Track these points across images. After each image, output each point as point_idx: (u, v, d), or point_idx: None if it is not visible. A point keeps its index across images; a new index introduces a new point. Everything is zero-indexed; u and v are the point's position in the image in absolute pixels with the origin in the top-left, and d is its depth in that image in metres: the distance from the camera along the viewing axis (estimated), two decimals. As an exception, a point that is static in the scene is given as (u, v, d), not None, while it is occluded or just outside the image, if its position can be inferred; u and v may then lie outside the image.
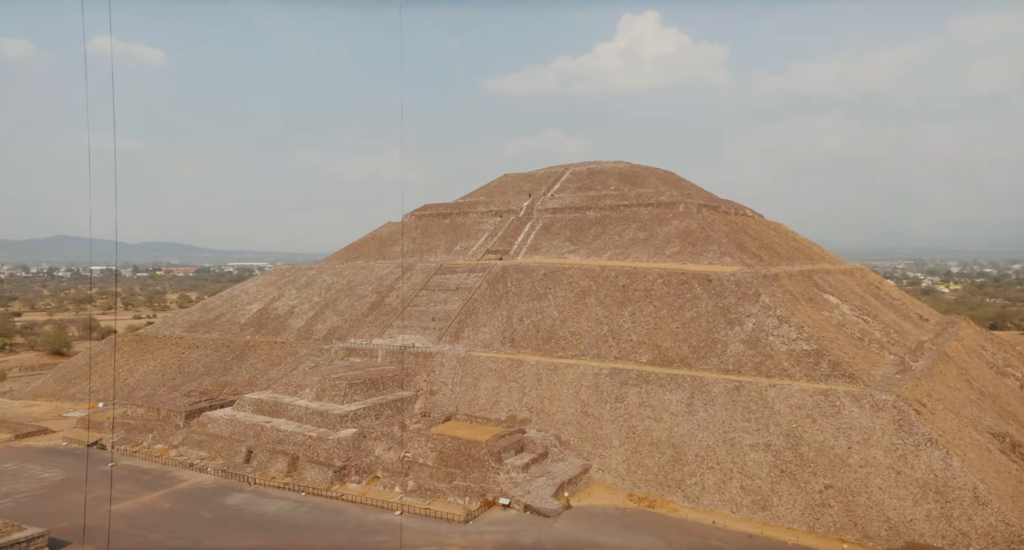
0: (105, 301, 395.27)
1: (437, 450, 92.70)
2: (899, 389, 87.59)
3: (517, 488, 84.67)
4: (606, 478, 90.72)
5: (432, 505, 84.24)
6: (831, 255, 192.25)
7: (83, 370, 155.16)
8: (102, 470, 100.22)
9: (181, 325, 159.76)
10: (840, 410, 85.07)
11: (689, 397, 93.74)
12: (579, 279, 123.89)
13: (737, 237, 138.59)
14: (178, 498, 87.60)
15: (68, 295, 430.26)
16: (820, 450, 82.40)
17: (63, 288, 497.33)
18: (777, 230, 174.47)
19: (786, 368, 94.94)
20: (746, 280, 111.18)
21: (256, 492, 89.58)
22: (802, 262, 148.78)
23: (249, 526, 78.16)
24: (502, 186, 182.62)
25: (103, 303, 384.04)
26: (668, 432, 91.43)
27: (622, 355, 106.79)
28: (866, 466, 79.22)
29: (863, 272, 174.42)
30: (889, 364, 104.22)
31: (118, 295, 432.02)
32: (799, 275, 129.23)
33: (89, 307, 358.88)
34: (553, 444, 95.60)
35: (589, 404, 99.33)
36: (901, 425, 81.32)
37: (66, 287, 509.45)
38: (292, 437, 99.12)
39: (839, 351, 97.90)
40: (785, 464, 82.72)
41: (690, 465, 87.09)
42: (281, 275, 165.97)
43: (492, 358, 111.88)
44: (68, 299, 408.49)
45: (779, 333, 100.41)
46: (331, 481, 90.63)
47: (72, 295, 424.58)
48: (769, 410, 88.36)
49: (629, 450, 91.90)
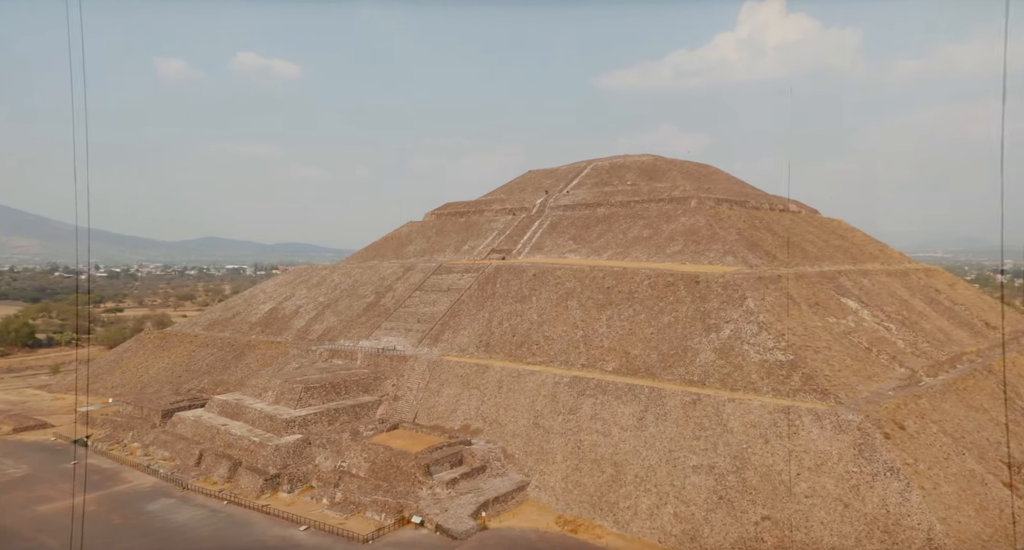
0: (203, 298, 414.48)
1: (370, 461, 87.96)
2: (874, 408, 76.26)
3: (437, 505, 78.77)
4: (541, 497, 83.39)
5: (349, 520, 79.51)
6: (896, 255, 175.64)
7: (111, 366, 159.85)
8: (66, 468, 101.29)
9: (202, 323, 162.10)
10: (798, 430, 74.70)
11: (642, 410, 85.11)
12: (566, 280, 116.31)
13: (753, 235, 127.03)
14: (105, 501, 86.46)
15: (178, 292, 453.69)
16: (766, 475, 72.44)
17: (184, 284, 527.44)
18: (822, 227, 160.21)
19: (754, 381, 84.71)
20: (734, 282, 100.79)
21: (183, 498, 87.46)
22: (838, 262, 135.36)
23: (147, 535, 75.78)
24: (523, 183, 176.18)
25: (202, 300, 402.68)
26: (613, 448, 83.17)
27: (590, 362, 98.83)
28: (812, 496, 68.86)
29: (929, 273, 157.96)
30: (893, 378, 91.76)
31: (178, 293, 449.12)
32: (817, 276, 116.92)
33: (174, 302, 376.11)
34: (497, 458, 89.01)
35: (542, 415, 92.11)
36: (861, 450, 70.38)
37: (189, 283, 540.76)
38: (240, 441, 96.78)
39: (821, 363, 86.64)
40: (726, 490, 73.18)
41: (628, 486, 78.65)
42: (298, 275, 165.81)
43: (460, 363, 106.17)
44: (173, 296, 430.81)
45: (755, 341, 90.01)
46: (261, 489, 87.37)
47: (183, 292, 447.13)
48: (722, 428, 78.77)
49: (571, 467, 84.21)
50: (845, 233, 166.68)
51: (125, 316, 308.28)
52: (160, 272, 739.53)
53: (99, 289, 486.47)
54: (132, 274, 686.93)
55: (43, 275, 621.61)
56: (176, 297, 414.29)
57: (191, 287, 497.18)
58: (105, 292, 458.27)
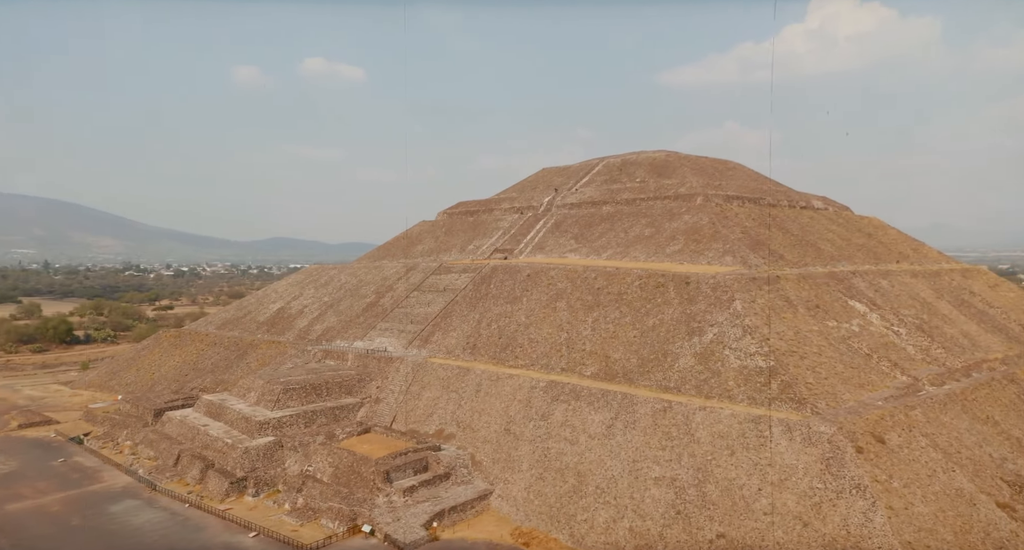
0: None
1: (334, 466, 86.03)
2: (853, 419, 70.92)
3: (391, 514, 76.28)
4: (503, 507, 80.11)
5: (303, 527, 77.71)
6: (933, 254, 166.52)
7: (128, 363, 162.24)
8: (52, 466, 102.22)
9: (215, 322, 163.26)
10: (765, 442, 69.87)
11: (612, 418, 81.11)
12: (557, 281, 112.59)
13: (760, 233, 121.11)
14: (73, 501, 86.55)
15: (231, 290, 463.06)
16: (727, 490, 67.86)
17: (242, 283, 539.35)
18: (847, 225, 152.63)
19: (730, 388, 79.85)
20: (724, 283, 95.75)
21: (148, 500, 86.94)
22: (857, 262, 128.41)
23: (98, 539, 75.25)
24: (535, 181, 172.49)
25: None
26: (579, 457, 79.39)
27: (570, 366, 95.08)
28: (771, 514, 64.08)
29: (966, 274, 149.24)
30: (890, 387, 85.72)
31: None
32: (825, 277, 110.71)
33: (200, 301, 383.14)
34: (465, 465, 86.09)
35: (515, 421, 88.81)
36: (829, 465, 65.30)
37: (247, 282, 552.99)
38: (215, 443, 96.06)
39: (805, 370, 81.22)
40: (684, 504, 68.84)
41: (588, 497, 74.83)
42: (309, 275, 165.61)
43: (444, 366, 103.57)
44: (225, 294, 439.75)
45: (738, 346, 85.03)
46: (226, 492, 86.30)
47: (235, 291, 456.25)
48: (689, 437, 74.33)
49: (535, 476, 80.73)
50: (873, 231, 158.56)
51: (171, 313, 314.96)
52: (224, 271, 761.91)
53: (163, 287, 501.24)
54: (197, 273, 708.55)
55: (113, 274, 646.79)
56: (228, 295, 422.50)
57: (247, 286, 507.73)
58: (164, 290, 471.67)
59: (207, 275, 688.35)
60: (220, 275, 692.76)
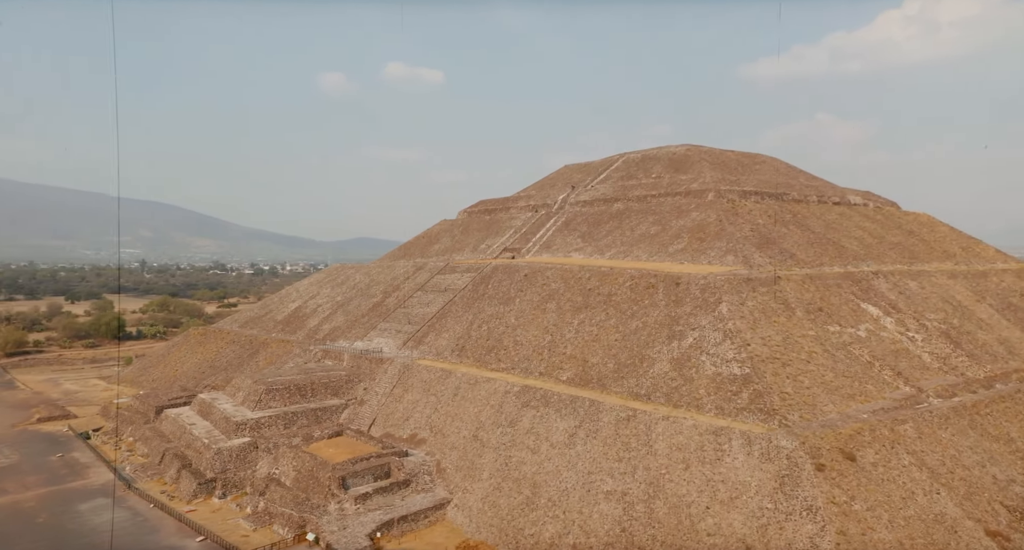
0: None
1: (297, 469, 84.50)
2: (823, 433, 65.00)
3: (339, 522, 74.06)
4: (458, 518, 76.85)
5: (255, 533, 76.35)
6: (989, 253, 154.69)
7: (158, 360, 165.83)
8: (49, 461, 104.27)
9: (240, 320, 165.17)
10: (723, 456, 64.70)
11: (576, 426, 76.95)
12: (552, 281, 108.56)
13: (772, 231, 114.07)
14: (48, 498, 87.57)
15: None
16: (675, 507, 63.02)
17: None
18: (885, 222, 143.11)
19: (700, 396, 74.60)
20: (714, 284, 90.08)
21: (120, 499, 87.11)
22: (886, 262, 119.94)
23: (53, 537, 75.46)
24: (555, 178, 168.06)
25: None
26: (538, 467, 75.54)
27: (548, 370, 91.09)
28: (715, 535, 59.03)
29: (1022, 275, 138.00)
30: (887, 398, 78.79)
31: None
32: (839, 278, 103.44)
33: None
34: (428, 472, 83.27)
35: (484, 427, 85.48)
36: (783, 483, 59.83)
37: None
38: (195, 442, 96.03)
39: (785, 378, 75.17)
40: (631, 521, 64.29)
41: (539, 510, 70.94)
42: (328, 274, 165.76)
43: (428, 368, 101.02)
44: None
45: (715, 351, 79.56)
46: (194, 493, 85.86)
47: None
48: (647, 449, 69.64)
49: (493, 485, 77.23)
50: (917, 229, 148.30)
51: (232, 310, 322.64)
52: (300, 270, 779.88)
53: (238, 285, 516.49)
54: (275, 271, 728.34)
55: (199, 272, 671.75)
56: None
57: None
58: (236, 288, 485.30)
59: (284, 274, 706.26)
60: (296, 274, 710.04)
